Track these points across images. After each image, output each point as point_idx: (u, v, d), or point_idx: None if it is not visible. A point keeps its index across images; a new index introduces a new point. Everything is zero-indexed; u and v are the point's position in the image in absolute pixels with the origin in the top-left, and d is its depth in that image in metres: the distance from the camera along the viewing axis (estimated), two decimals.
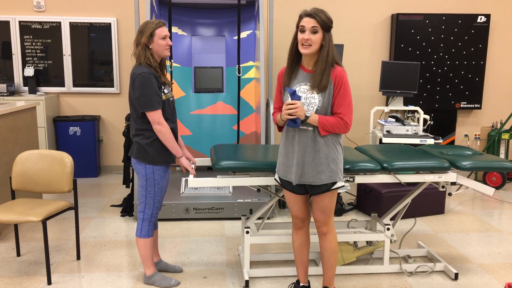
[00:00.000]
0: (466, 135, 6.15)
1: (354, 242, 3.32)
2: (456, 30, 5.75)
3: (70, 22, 5.61)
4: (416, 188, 3.21)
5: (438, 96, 5.88)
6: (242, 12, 5.22)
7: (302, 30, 2.38)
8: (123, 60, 5.77)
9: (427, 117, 4.93)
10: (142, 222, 2.89)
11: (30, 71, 5.53)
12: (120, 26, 5.70)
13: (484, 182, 5.45)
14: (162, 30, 2.75)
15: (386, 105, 5.04)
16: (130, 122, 2.87)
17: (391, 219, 3.31)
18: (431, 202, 4.44)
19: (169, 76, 4.79)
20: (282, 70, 2.60)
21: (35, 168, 3.21)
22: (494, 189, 2.94)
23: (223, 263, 3.36)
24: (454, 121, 6.03)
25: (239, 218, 4.28)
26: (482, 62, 5.84)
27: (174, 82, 5.15)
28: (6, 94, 5.40)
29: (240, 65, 4.83)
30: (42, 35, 5.62)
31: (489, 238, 3.92)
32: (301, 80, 2.49)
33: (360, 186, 4.56)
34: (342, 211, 4.44)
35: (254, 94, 5.17)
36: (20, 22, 5.57)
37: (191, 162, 3.00)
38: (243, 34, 5.30)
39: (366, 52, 5.92)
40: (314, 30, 2.35)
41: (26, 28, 5.58)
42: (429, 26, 5.73)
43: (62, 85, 5.73)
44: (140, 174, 2.82)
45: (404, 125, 4.60)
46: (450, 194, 3.08)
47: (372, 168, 2.83)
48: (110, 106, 5.85)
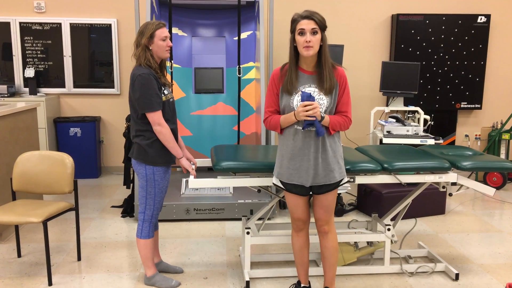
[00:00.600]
0: (466, 136, 6.14)
1: (355, 242, 3.32)
2: (456, 30, 5.75)
3: (71, 23, 5.61)
4: (416, 188, 3.21)
5: (438, 96, 5.88)
6: (242, 12, 5.22)
7: (302, 32, 2.36)
8: (124, 61, 5.78)
9: (428, 117, 4.93)
10: (142, 223, 2.89)
11: (30, 72, 5.54)
12: (120, 27, 5.70)
13: (484, 182, 5.44)
14: (162, 31, 2.76)
15: (387, 105, 5.04)
16: (131, 123, 2.87)
17: (392, 220, 3.31)
18: (432, 203, 4.44)
19: (169, 77, 4.79)
20: (275, 72, 2.55)
21: (36, 169, 3.21)
22: (495, 189, 2.94)
23: (224, 264, 3.36)
24: (455, 121, 6.03)
25: (240, 219, 4.28)
26: (482, 62, 5.84)
27: (174, 83, 5.16)
28: (6, 95, 5.41)
29: (240, 65, 4.83)
30: (43, 36, 5.62)
31: (489, 238, 3.92)
32: (304, 82, 2.46)
33: (360, 187, 4.55)
34: (342, 212, 4.44)
35: (254, 94, 5.17)
36: (20, 23, 5.58)
37: (192, 163, 3.01)
38: (243, 35, 5.30)
39: (366, 52, 5.92)
40: (314, 31, 2.36)
41: (26, 29, 5.59)
42: (429, 26, 5.73)
43: (63, 86, 5.73)
44: (140, 175, 2.82)
45: (404, 125, 4.60)
46: (450, 195, 3.08)
47: (372, 168, 2.83)
48: (111, 107, 5.86)
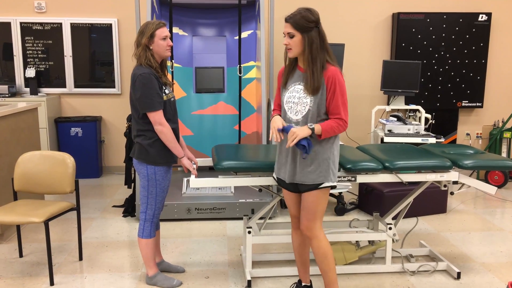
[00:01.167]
0: (467, 134, 6.14)
1: (356, 241, 3.32)
2: (457, 28, 5.74)
3: (71, 23, 5.61)
4: (418, 187, 3.21)
5: (439, 95, 5.88)
6: (242, 12, 5.22)
7: (285, 35, 2.44)
8: (124, 60, 5.78)
9: (429, 116, 4.92)
10: (144, 223, 2.89)
11: (31, 72, 5.54)
12: (121, 26, 5.70)
13: (486, 181, 5.44)
14: (163, 31, 2.76)
15: (388, 104, 5.04)
16: (132, 122, 2.87)
17: (393, 219, 3.30)
18: (433, 201, 4.44)
19: (170, 76, 4.79)
20: (281, 69, 2.62)
21: (37, 169, 3.22)
22: (496, 188, 2.93)
23: (225, 263, 3.36)
24: (456, 120, 6.02)
25: (241, 218, 4.28)
26: (483, 61, 5.83)
27: (175, 83, 5.16)
28: (7, 95, 5.41)
29: (241, 65, 4.83)
30: (43, 36, 5.62)
31: (491, 237, 3.92)
32: (296, 79, 2.50)
33: (361, 186, 4.55)
34: (344, 211, 4.44)
35: (255, 94, 5.16)
36: (21, 23, 5.58)
37: (193, 162, 3.00)
38: (244, 34, 5.30)
39: (367, 51, 5.92)
40: (290, 35, 2.39)
41: (27, 29, 5.59)
42: (430, 25, 5.72)
43: (64, 86, 5.73)
44: (141, 175, 2.82)
45: (405, 124, 4.59)
46: (452, 193, 3.08)
47: (373, 167, 2.83)
48: (112, 107, 5.86)
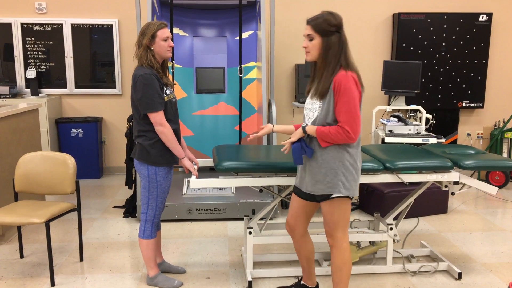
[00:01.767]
0: (468, 134, 6.13)
1: (357, 242, 3.31)
2: (458, 29, 5.74)
3: (72, 24, 5.62)
4: (419, 187, 3.20)
5: (440, 95, 5.87)
6: (243, 12, 5.22)
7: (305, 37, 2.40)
8: (125, 61, 5.78)
9: (430, 116, 4.92)
10: (145, 223, 2.89)
11: (32, 73, 5.54)
12: (121, 27, 5.70)
13: (487, 181, 5.43)
14: (164, 32, 2.76)
15: (388, 104, 5.04)
16: (132, 123, 2.87)
17: (394, 219, 3.31)
18: (434, 202, 4.44)
19: (170, 77, 4.80)
20: None
21: (38, 170, 3.22)
22: (497, 188, 2.93)
23: (226, 264, 3.36)
24: (457, 120, 6.02)
25: (242, 219, 4.28)
26: (484, 61, 5.83)
27: (176, 83, 5.16)
28: (8, 96, 5.41)
29: (241, 65, 4.83)
30: (44, 37, 5.63)
31: (492, 237, 3.91)
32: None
33: (362, 186, 4.55)
34: None
35: (256, 94, 5.17)
36: (22, 24, 5.59)
37: (194, 163, 3.00)
38: (245, 35, 5.30)
39: (367, 51, 5.92)
40: (310, 38, 2.34)
41: (28, 30, 5.60)
42: (430, 25, 5.72)
43: (64, 86, 5.74)
44: (142, 175, 2.82)
45: (406, 124, 4.59)
46: (453, 194, 3.08)
47: (374, 168, 2.82)
48: (112, 108, 5.86)
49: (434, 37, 5.74)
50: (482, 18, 5.73)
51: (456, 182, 3.00)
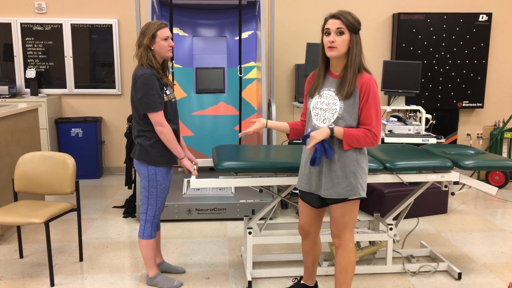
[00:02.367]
0: (468, 134, 6.13)
1: (357, 242, 3.31)
2: (457, 29, 5.74)
3: (72, 24, 5.61)
4: (418, 187, 3.20)
5: (440, 95, 5.87)
6: (243, 12, 5.22)
7: (327, 32, 2.26)
8: (125, 61, 5.78)
9: (429, 116, 4.92)
10: (144, 223, 2.89)
11: (31, 73, 5.54)
12: (121, 27, 5.70)
13: (486, 181, 5.43)
14: (164, 31, 2.76)
15: (388, 104, 5.04)
16: (132, 123, 2.87)
17: (394, 219, 3.30)
18: (434, 202, 4.43)
19: (170, 77, 4.79)
20: (310, 75, 2.51)
21: (38, 170, 3.21)
22: (497, 188, 2.93)
23: (226, 264, 3.36)
24: (456, 120, 6.02)
25: (242, 219, 4.28)
26: (484, 61, 5.83)
27: (175, 83, 5.16)
28: (8, 96, 5.41)
29: (241, 65, 4.83)
30: (44, 37, 5.62)
31: (492, 237, 3.91)
32: (327, 85, 2.38)
33: None
34: None
35: (255, 94, 5.16)
36: (21, 24, 5.58)
37: (193, 163, 3.00)
38: (244, 35, 5.30)
39: (367, 51, 5.92)
40: (340, 31, 2.23)
41: (27, 30, 5.59)
42: (430, 25, 5.72)
43: (64, 86, 5.73)
44: (142, 175, 2.82)
45: (406, 124, 4.59)
46: (453, 194, 3.08)
47: (374, 168, 2.82)
48: (112, 108, 5.86)
49: (434, 37, 5.74)
50: (482, 18, 5.73)
51: (456, 182, 3.00)
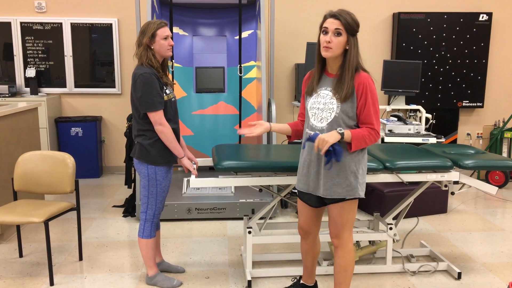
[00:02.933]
0: (468, 134, 6.13)
1: (357, 241, 3.31)
2: (458, 28, 5.73)
3: (72, 23, 5.61)
4: (418, 187, 3.20)
5: (440, 95, 5.87)
6: (243, 12, 5.22)
7: (325, 31, 2.24)
8: (125, 60, 5.77)
9: (429, 116, 4.92)
10: (144, 223, 2.89)
11: (31, 72, 5.54)
12: (121, 26, 5.70)
13: (486, 181, 5.43)
14: (164, 31, 2.75)
15: (388, 104, 5.03)
16: (132, 122, 2.87)
17: (394, 219, 3.30)
18: (434, 201, 4.43)
19: (170, 76, 4.79)
20: (307, 75, 2.50)
21: (37, 169, 3.21)
22: (497, 188, 2.93)
23: (226, 263, 3.36)
24: (456, 120, 6.02)
25: (241, 218, 4.28)
26: (484, 61, 5.82)
27: (175, 83, 5.15)
28: (8, 95, 5.41)
29: (241, 65, 4.83)
30: (44, 36, 5.62)
31: (492, 237, 3.91)
32: (324, 85, 2.37)
33: None
34: None
35: (255, 94, 5.16)
36: (21, 23, 5.58)
37: (193, 162, 3.00)
38: (244, 34, 5.29)
39: (367, 51, 5.91)
40: (337, 32, 2.21)
41: (27, 29, 5.59)
42: (430, 25, 5.72)
43: (64, 86, 5.73)
44: (142, 175, 2.82)
45: (406, 124, 4.59)
46: (452, 193, 3.08)
47: (374, 167, 2.82)
48: (112, 107, 5.86)
49: (434, 36, 5.74)
50: (482, 17, 5.73)
51: (456, 182, 3.00)
